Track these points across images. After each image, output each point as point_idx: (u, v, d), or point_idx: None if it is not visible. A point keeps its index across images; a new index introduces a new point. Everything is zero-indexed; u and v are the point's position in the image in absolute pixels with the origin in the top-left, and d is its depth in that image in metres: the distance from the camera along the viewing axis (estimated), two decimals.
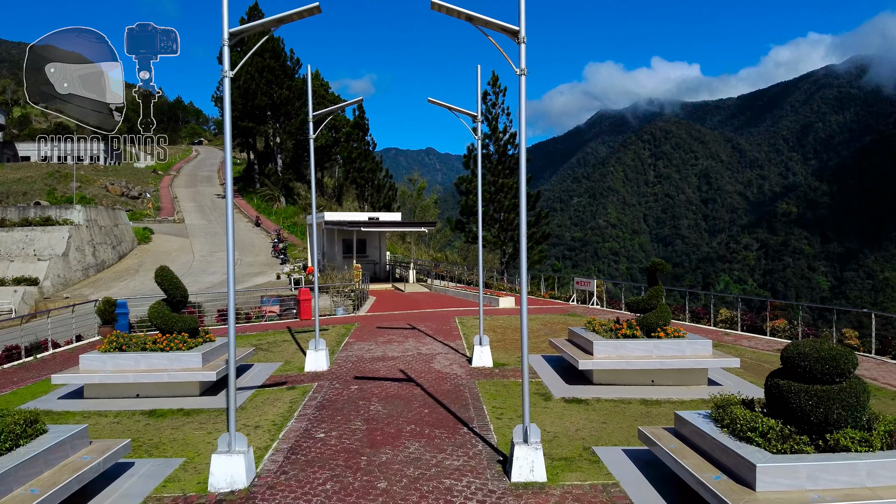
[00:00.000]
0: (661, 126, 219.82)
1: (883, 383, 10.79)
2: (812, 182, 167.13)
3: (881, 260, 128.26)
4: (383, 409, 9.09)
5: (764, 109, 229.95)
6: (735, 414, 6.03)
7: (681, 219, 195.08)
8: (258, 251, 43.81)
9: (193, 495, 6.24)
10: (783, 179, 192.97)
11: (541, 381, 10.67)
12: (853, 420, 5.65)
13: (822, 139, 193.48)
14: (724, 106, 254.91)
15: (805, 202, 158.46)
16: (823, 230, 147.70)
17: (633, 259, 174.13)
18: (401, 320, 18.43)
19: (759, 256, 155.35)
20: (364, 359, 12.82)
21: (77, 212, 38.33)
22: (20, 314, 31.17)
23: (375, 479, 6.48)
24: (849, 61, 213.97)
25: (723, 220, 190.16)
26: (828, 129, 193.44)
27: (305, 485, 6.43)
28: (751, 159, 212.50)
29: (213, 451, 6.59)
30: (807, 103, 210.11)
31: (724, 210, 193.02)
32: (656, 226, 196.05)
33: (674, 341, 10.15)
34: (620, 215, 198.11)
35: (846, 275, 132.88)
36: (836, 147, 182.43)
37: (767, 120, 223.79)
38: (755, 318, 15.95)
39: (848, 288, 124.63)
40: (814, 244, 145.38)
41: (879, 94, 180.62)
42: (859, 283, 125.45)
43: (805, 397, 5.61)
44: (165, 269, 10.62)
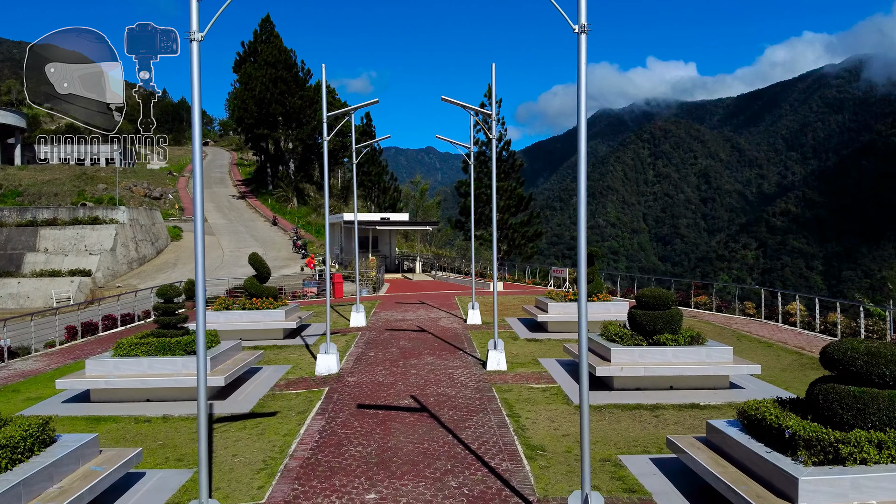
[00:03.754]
0: (660, 125, 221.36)
1: (756, 335, 15.59)
2: (811, 181, 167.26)
3: (878, 259, 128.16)
4: (408, 343, 14.01)
5: (763, 109, 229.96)
6: (616, 331, 10.89)
7: (680, 218, 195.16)
8: (279, 247, 48.87)
9: (307, 377, 11.15)
10: (782, 179, 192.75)
11: (513, 331, 15.60)
12: (670, 330, 10.50)
13: (822, 138, 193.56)
14: (723, 105, 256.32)
15: (804, 201, 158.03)
16: (822, 229, 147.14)
17: (632, 258, 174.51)
18: (412, 298, 23.40)
19: (758, 255, 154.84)
20: (390, 320, 17.79)
21: (122, 212, 43.36)
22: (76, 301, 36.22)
23: (408, 371, 11.37)
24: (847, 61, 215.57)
25: (722, 219, 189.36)
26: (826, 128, 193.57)
27: (369, 371, 11.34)
28: (750, 159, 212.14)
29: (305, 362, 11.47)
30: (805, 103, 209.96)
31: (723, 209, 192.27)
32: (655, 225, 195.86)
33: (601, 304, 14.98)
34: (620, 214, 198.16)
35: (844, 274, 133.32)
36: (836, 146, 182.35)
37: (767, 119, 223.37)
38: (686, 294, 20.87)
39: (846, 287, 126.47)
40: (812, 243, 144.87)
41: (877, 94, 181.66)
42: (857, 282, 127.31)
43: (644, 318, 10.47)
44: (256, 255, 15.53)
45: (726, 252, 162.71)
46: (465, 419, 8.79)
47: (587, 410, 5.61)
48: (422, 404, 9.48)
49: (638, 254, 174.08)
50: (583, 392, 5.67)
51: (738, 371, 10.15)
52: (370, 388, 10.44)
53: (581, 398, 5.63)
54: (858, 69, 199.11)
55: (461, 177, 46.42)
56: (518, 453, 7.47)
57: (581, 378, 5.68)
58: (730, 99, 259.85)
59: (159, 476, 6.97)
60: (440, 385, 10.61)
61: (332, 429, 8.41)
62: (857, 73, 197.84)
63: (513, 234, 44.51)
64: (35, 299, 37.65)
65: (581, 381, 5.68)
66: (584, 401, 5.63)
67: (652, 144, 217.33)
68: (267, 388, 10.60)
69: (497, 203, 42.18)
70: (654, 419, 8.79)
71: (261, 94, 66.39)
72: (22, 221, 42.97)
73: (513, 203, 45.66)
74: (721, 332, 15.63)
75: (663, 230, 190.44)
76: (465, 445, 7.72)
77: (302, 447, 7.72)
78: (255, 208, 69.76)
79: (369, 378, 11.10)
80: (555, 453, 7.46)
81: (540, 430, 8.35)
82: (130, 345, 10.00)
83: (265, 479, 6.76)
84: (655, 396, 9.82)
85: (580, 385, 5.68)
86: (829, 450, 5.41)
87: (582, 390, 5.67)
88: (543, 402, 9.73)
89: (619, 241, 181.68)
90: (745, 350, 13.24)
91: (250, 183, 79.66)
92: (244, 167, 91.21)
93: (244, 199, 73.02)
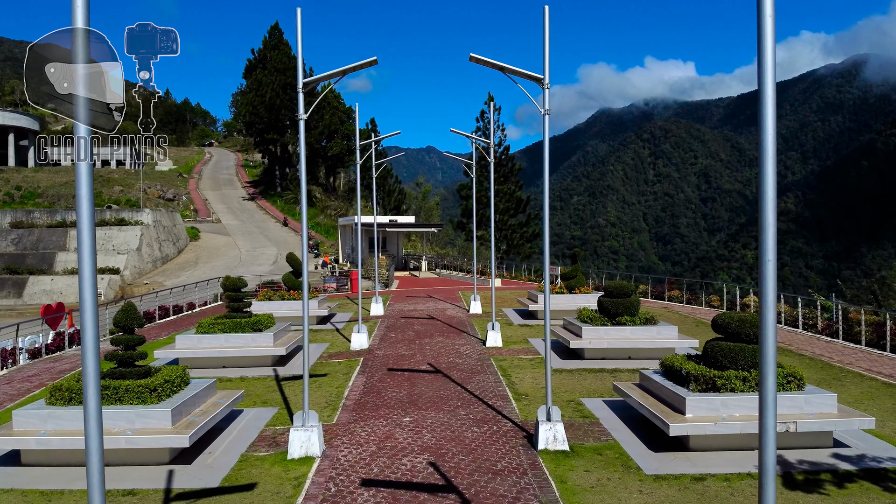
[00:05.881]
0: (660, 125, 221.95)
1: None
2: (811, 181, 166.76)
3: (878, 259, 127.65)
4: (421, 327, 16.98)
5: None
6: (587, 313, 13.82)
7: (680, 217, 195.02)
8: (292, 247, 51.79)
9: (344, 351, 14.11)
10: (782, 178, 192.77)
11: (509, 319, 18.56)
12: (629, 314, 13.40)
13: (821, 138, 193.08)
14: (723, 105, 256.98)
15: (804, 201, 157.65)
16: (822, 229, 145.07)
17: (632, 257, 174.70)
18: (421, 293, 26.37)
19: (758, 255, 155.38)
20: (403, 310, 20.77)
21: (146, 214, 46.41)
22: (107, 297, 39.21)
23: (424, 346, 14.34)
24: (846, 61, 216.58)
25: (722, 218, 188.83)
26: (826, 128, 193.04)
27: (392, 347, 14.32)
28: (750, 158, 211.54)
29: (339, 342, 14.39)
30: (806, 102, 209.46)
31: (723, 209, 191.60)
32: (655, 224, 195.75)
33: (573, 296, 17.89)
34: (620, 214, 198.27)
35: (844, 273, 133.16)
36: (835, 146, 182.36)
37: None
38: (661, 289, 23.77)
39: (846, 286, 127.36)
40: (812, 243, 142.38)
41: (877, 94, 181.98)
42: (856, 282, 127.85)
43: (610, 304, 13.39)
44: (293, 255, 18.49)
45: (726, 251, 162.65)
46: (469, 377, 11.73)
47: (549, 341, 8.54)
48: (436, 368, 12.43)
49: (638, 253, 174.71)
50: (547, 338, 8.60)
51: (681, 344, 13.04)
52: (395, 358, 13.39)
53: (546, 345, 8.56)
54: (857, 69, 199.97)
55: (461, 176, 49.36)
56: (508, 397, 10.41)
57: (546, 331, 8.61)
58: (730, 98, 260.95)
59: (254, 412, 9.96)
60: (449, 356, 13.55)
61: (371, 383, 11.37)
62: (857, 74, 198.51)
63: (512, 235, 47.47)
64: (67, 295, 40.61)
65: (545, 338, 8.61)
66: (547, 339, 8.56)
67: (652, 144, 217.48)
68: (314, 358, 13.54)
69: (496, 205, 45.15)
70: (612, 377, 11.70)
71: (271, 101, 69.27)
72: (52, 223, 46.02)
73: (511, 205, 48.60)
74: (684, 319, 18.55)
75: (663, 230, 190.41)
76: (470, 392, 10.65)
77: (353, 393, 10.68)
78: (265, 209, 72.70)
79: (393, 351, 14.04)
80: (534, 398, 10.39)
81: (525, 384, 11.29)
82: (209, 324, 12.94)
83: (331, 413, 9.70)
84: (616, 364, 12.74)
85: (545, 343, 8.61)
86: (710, 382, 8.33)
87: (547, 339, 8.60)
88: (529, 367, 12.67)
89: (619, 240, 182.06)
90: (697, 331, 16.12)
91: (258, 184, 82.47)
92: (250, 168, 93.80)
93: (254, 201, 75.91)
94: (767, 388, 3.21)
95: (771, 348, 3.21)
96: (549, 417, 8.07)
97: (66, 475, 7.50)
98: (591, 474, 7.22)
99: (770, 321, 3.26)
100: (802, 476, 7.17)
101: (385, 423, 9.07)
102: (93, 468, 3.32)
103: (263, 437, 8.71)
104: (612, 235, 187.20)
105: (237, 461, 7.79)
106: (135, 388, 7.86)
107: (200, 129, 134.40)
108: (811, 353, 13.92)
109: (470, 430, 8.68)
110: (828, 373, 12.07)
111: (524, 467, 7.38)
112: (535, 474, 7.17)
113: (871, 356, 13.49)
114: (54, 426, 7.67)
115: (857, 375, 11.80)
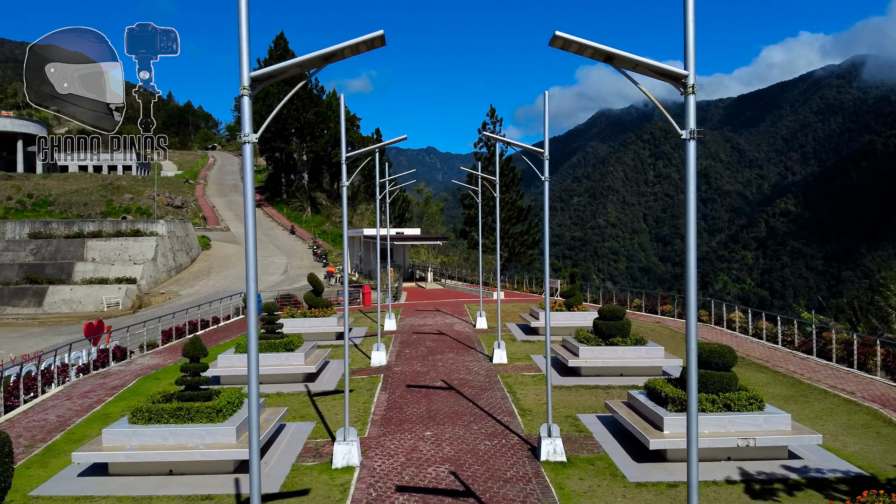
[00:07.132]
0: (660, 126, 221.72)
1: (700, 338, 20.06)
2: (811, 182, 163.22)
3: (878, 259, 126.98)
4: (433, 343, 18.59)
5: (763, 110, 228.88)
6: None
7: (680, 218, 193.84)
8: (301, 256, 53.54)
9: (365, 367, 15.72)
10: (782, 179, 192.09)
11: (512, 334, 20.18)
12: (621, 335, 14.99)
13: (821, 139, 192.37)
14: (723, 106, 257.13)
15: (804, 202, 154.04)
16: (821, 230, 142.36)
17: (632, 258, 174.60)
18: (429, 306, 27.99)
19: (758, 256, 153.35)
20: (414, 325, 22.39)
21: (161, 225, 48.08)
22: (124, 306, 40.87)
23: (437, 363, 15.96)
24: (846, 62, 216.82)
25: (722, 219, 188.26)
26: (826, 129, 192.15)
27: (408, 364, 15.94)
28: (750, 159, 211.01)
29: (358, 357, 15.97)
30: (806, 103, 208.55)
31: (723, 209, 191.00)
32: (656, 225, 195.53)
33: (574, 313, 19.48)
34: (620, 215, 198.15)
35: (844, 274, 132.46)
36: (835, 147, 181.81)
37: (767, 120, 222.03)
38: (654, 303, 25.35)
39: (845, 287, 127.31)
40: (811, 244, 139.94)
41: (876, 95, 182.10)
42: (856, 283, 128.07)
43: (604, 326, 14.97)
44: (313, 275, 20.13)
45: (726, 252, 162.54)
46: (479, 394, 13.32)
47: (550, 375, 10.13)
48: (449, 385, 14.02)
49: (638, 254, 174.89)
50: (548, 365, 10.19)
51: (667, 363, 14.63)
52: (412, 375, 14.99)
53: (547, 372, 10.14)
54: (856, 70, 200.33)
55: (461, 177, 51.08)
56: (514, 412, 12.00)
57: (546, 358, 10.20)
58: (730, 99, 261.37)
59: (295, 426, 11.57)
60: (460, 373, 15.15)
61: (393, 399, 12.97)
62: (856, 75, 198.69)
63: (513, 243, 49.12)
64: (86, 304, 42.26)
65: (547, 361, 10.19)
66: (548, 363, 10.15)
67: (652, 145, 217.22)
68: (339, 374, 15.14)
69: (498, 214, 46.56)
70: (605, 394, 13.29)
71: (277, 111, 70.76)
72: (69, 233, 47.65)
73: (513, 214, 50.28)
74: (674, 334, 20.13)
75: (663, 230, 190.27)
76: (480, 408, 12.25)
77: (378, 409, 12.28)
78: (272, 217, 74.27)
79: (409, 368, 15.65)
80: (537, 414, 11.97)
81: (529, 400, 12.88)
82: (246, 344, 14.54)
83: (361, 427, 11.29)
84: (609, 381, 14.31)
85: (546, 365, 10.19)
86: (683, 403, 9.91)
87: (548, 366, 10.19)
88: (532, 384, 14.26)
89: (619, 241, 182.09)
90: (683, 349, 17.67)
91: (264, 191, 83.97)
92: (258, 174, 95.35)
93: (260, 208, 77.42)
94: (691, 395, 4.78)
95: (693, 366, 4.76)
96: (550, 434, 9.66)
97: (150, 483, 9.10)
98: (584, 482, 8.80)
99: (692, 344, 4.82)
100: (759, 486, 8.74)
101: (410, 436, 10.65)
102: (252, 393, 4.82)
103: (308, 448, 10.31)
104: (612, 236, 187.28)
105: (290, 470, 9.38)
106: (204, 410, 9.46)
107: (203, 133, 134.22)
108: (785, 369, 15.50)
109: (482, 444, 10.27)
110: (797, 389, 13.65)
111: (529, 476, 8.97)
112: (539, 482, 8.75)
113: (839, 373, 15.06)
114: (138, 442, 9.19)
115: (822, 392, 13.37)
